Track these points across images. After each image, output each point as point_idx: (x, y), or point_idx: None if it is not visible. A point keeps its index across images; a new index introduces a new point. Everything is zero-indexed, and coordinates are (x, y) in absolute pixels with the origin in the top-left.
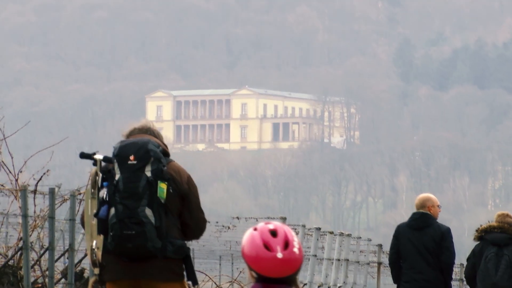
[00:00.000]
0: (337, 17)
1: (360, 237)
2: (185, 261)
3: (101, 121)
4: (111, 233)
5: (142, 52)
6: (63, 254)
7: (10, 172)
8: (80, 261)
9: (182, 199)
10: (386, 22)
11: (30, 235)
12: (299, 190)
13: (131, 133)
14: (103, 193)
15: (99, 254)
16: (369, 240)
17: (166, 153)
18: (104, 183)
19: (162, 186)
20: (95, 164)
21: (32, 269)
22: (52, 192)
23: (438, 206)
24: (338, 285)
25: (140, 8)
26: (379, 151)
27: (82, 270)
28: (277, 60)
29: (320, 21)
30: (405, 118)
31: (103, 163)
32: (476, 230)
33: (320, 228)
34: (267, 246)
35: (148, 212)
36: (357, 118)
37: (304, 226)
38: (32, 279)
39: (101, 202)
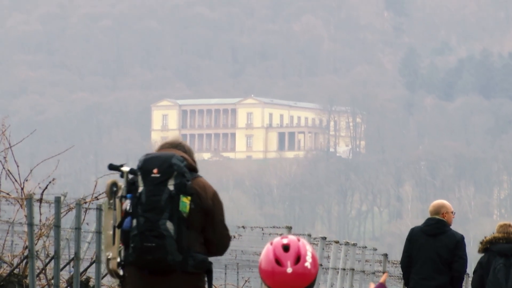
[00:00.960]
0: (342, 26)
1: (366, 247)
2: (207, 275)
3: (106, 130)
4: (131, 245)
5: (148, 61)
6: (68, 263)
7: (16, 180)
8: (86, 270)
9: (206, 214)
10: (391, 31)
11: (36, 244)
12: (304, 199)
13: (162, 147)
14: (127, 204)
15: (114, 263)
16: (375, 249)
17: (193, 168)
18: (128, 195)
19: (185, 201)
20: (122, 176)
21: (37, 278)
22: (57, 200)
23: (452, 212)
24: None
25: (145, 17)
26: (385, 160)
27: (88, 279)
28: (282, 69)
29: (325, 30)
30: (411, 127)
31: (130, 176)
32: (481, 242)
33: (325, 238)
34: (278, 261)
35: (169, 225)
36: (363, 127)
37: (309, 235)
38: None
39: (125, 214)
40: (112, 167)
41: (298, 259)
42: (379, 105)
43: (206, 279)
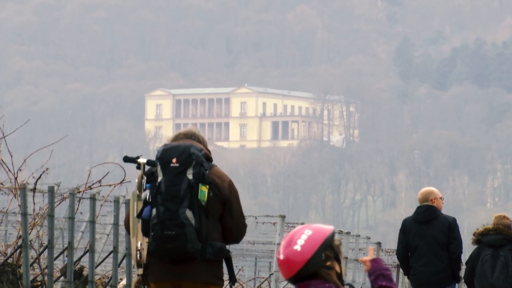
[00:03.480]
0: (336, 16)
1: (359, 235)
2: (226, 262)
3: (100, 120)
4: (152, 234)
5: (142, 51)
6: (62, 252)
7: (9, 170)
8: (79, 259)
9: (224, 203)
10: (385, 21)
11: (30, 233)
12: (298, 188)
13: (176, 138)
14: (146, 194)
15: (144, 254)
16: (368, 238)
17: (208, 158)
18: (147, 185)
19: (203, 189)
20: (138, 167)
21: (31, 267)
22: (51, 190)
23: (441, 198)
24: None
25: (139, 8)
26: (379, 150)
27: (81, 268)
28: (276, 59)
29: (319, 20)
30: (405, 117)
31: (147, 167)
32: (473, 234)
33: None
34: (279, 251)
35: (189, 214)
36: (357, 116)
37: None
38: (31, 277)
39: (144, 203)
40: (127, 159)
41: (289, 243)
42: (373, 94)
43: (226, 267)
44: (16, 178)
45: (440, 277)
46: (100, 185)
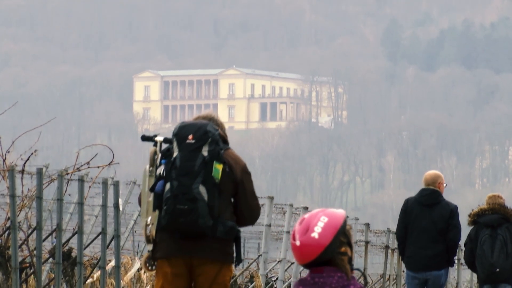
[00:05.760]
0: None
1: (348, 216)
2: (235, 242)
3: (88, 102)
4: (164, 207)
5: (130, 33)
6: (50, 234)
7: None
8: (68, 240)
9: (236, 184)
10: (373, 2)
11: (18, 215)
12: (287, 170)
13: (195, 120)
14: (161, 169)
15: (153, 230)
16: (357, 219)
17: (225, 141)
18: (162, 161)
19: (218, 167)
20: (155, 145)
21: (19, 249)
22: (39, 172)
23: (444, 184)
24: None
25: None
26: (367, 131)
27: (70, 250)
28: (264, 41)
29: (307, 1)
30: (392, 98)
31: (164, 145)
32: (469, 215)
33: (307, 208)
34: (293, 236)
35: (202, 189)
36: (345, 98)
37: (291, 205)
38: (19, 259)
39: (158, 178)
40: (145, 138)
41: (306, 230)
42: (361, 76)
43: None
44: (4, 160)
45: (436, 261)
46: (89, 167)
